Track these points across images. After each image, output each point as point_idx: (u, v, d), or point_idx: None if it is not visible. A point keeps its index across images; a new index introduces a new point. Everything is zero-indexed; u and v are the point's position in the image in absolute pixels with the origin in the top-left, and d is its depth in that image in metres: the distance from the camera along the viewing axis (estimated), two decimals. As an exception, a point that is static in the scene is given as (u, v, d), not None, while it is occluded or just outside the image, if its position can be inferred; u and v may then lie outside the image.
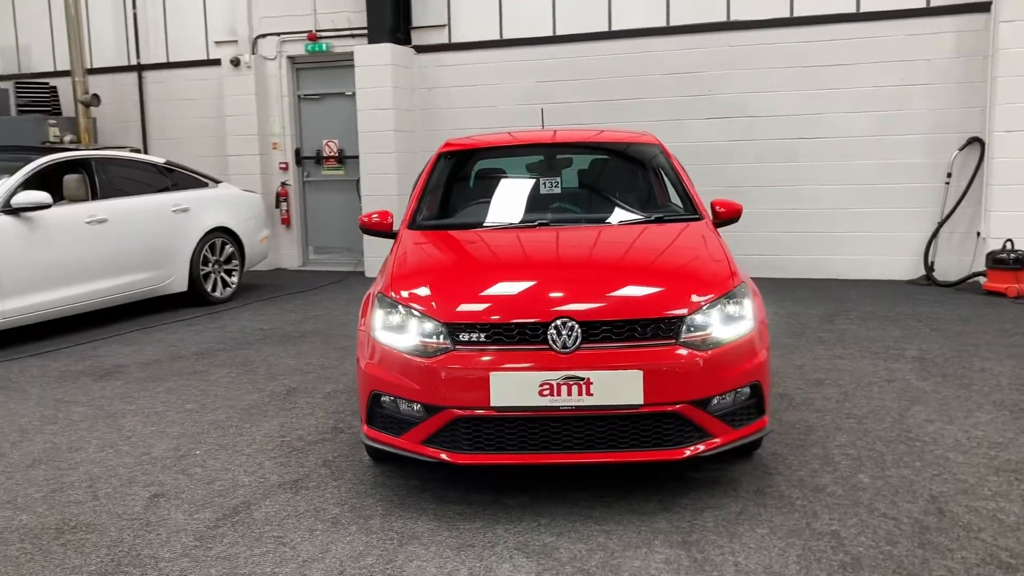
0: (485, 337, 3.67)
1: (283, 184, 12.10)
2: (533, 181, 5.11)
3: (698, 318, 3.74)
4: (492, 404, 3.58)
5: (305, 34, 11.71)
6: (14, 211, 7.28)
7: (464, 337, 3.68)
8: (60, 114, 12.35)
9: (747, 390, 3.85)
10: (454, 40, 11.27)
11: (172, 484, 4.16)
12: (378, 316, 3.92)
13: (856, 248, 10.02)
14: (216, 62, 12.14)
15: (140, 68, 12.71)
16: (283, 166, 12.08)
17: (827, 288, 9.48)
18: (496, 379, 3.58)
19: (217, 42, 12.20)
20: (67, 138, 11.86)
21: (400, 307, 3.86)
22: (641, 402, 3.57)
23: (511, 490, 3.94)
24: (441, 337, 3.70)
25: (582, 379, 3.56)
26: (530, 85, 10.93)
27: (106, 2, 12.77)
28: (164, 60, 12.62)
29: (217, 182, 9.75)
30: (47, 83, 12.46)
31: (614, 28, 10.64)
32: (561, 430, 3.63)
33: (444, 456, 3.68)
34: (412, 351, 3.74)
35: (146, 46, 12.69)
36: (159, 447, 4.71)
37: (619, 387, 3.56)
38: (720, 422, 3.75)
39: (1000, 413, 4.95)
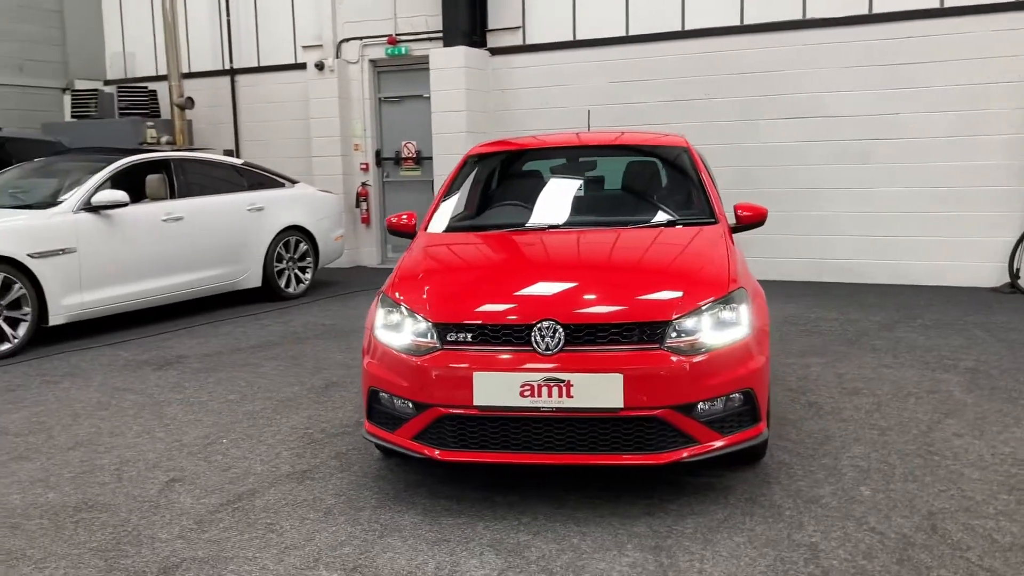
0: (472, 338, 3.76)
1: (363, 184, 12.45)
2: (553, 185, 5.15)
3: (687, 323, 3.73)
4: (475, 403, 3.67)
5: (385, 38, 12.01)
6: (94, 209, 7.75)
7: (452, 337, 3.78)
8: (159, 116, 13.02)
9: (739, 397, 3.81)
10: (528, 42, 11.37)
11: (191, 470, 4.39)
12: (379, 315, 4.06)
13: (934, 253, 9.65)
14: (302, 66, 12.58)
15: (233, 72, 13.28)
16: (363, 167, 12.42)
17: (900, 294, 9.16)
18: (479, 379, 3.66)
19: (304, 47, 12.64)
20: (164, 139, 12.51)
21: (398, 307, 3.99)
22: (621, 405, 3.59)
23: (503, 488, 4.01)
24: (431, 337, 3.81)
25: (562, 381, 3.60)
26: (601, 86, 10.93)
27: (203, 10, 13.39)
28: (255, 64, 13.14)
29: (294, 182, 10.13)
30: (146, 87, 13.16)
31: (687, 28, 10.54)
32: (543, 431, 3.68)
33: (430, 452, 3.79)
34: (405, 350, 3.85)
35: (239, 51, 13.25)
36: (191, 434, 4.97)
37: (599, 390, 3.59)
38: (707, 428, 3.73)
39: (1036, 429, 4.73)
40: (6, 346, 7.04)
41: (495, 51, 11.49)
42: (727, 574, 3.19)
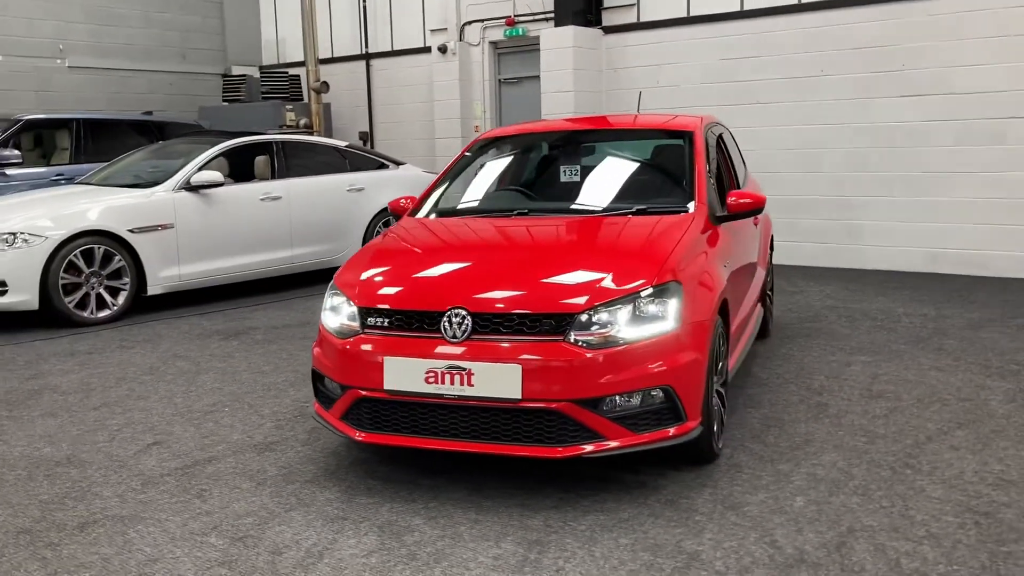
0: (388, 323, 3.83)
1: (482, 165, 12.63)
2: (539, 171, 5.10)
3: (599, 315, 3.63)
4: (385, 387, 3.74)
5: (504, 20, 12.11)
6: (193, 188, 8.37)
7: (371, 322, 3.87)
8: (301, 100, 13.75)
9: (659, 394, 3.67)
10: (642, 19, 11.12)
11: (178, 435, 4.73)
12: (326, 299, 4.20)
13: (1069, 245, 8.68)
14: (428, 49, 12.91)
15: (368, 56, 13.83)
16: (483, 147, 12.60)
17: (1019, 291, 8.31)
18: (389, 363, 3.73)
19: (432, 30, 12.96)
20: (302, 122, 13.23)
21: (337, 291, 4.11)
22: (519, 397, 3.56)
23: (435, 472, 4.06)
24: (355, 321, 3.91)
25: (464, 369, 3.61)
26: (711, 64, 10.54)
27: (343, -3, 14.03)
28: (388, 49, 13.61)
29: (399, 164, 10.46)
30: (287, 72, 13.93)
31: (803, 1, 9.94)
32: (447, 418, 3.70)
33: (352, 433, 3.90)
34: (336, 332, 3.98)
35: (375, 36, 13.77)
36: (204, 401, 5.33)
37: (498, 380, 3.57)
38: (615, 424, 3.62)
39: (1049, 447, 4.23)
40: (105, 312, 7.77)
41: (609, 29, 11.32)
42: (582, 574, 3.11)
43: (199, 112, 13.88)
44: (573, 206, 4.75)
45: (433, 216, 4.93)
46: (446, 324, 3.70)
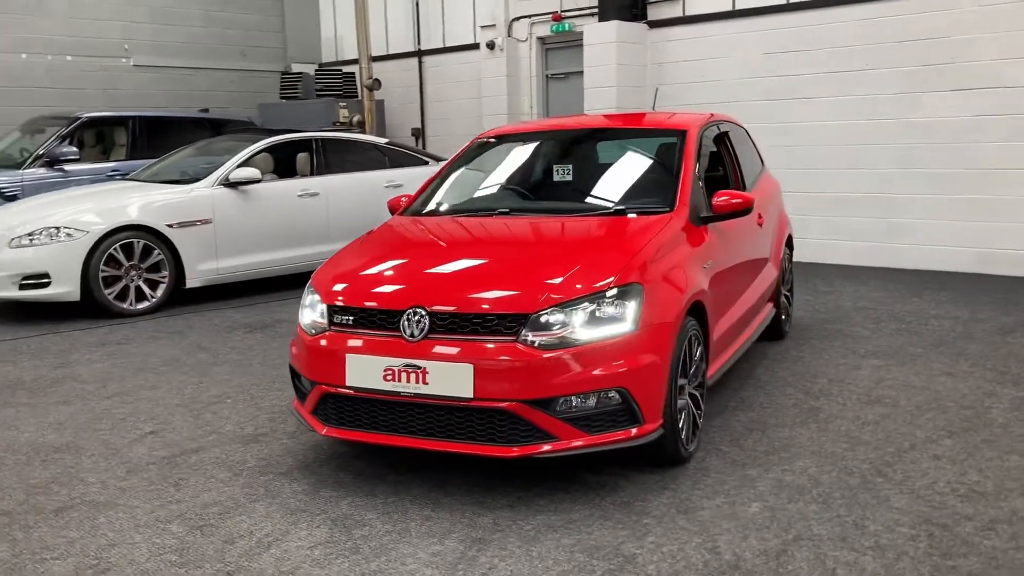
0: (352, 320, 3.92)
1: (529, 160, 12.66)
2: (527, 171, 5.12)
3: (553, 316, 3.65)
4: (347, 384, 3.84)
5: (551, 15, 12.11)
6: (232, 185, 8.63)
7: (337, 319, 3.96)
8: (355, 97, 13.99)
9: (615, 396, 3.67)
10: (688, 13, 10.98)
11: (175, 425, 4.91)
12: (303, 298, 4.31)
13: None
14: (477, 46, 12.99)
15: (420, 53, 13.99)
16: (530, 143, 12.63)
17: (1067, 292, 7.97)
18: (350, 360, 3.82)
19: (482, 27, 13.03)
20: (355, 119, 13.47)
21: (312, 289, 4.22)
22: (471, 396, 3.61)
23: (403, 468, 4.14)
24: (324, 318, 4.01)
25: (420, 368, 3.67)
26: (755, 58, 10.35)
27: (398, -6, 14.22)
28: (440, 46, 13.75)
29: (439, 160, 10.57)
30: (341, 70, 14.19)
31: (851, -8, 9.68)
32: (405, 415, 3.77)
33: (319, 428, 4.01)
34: (307, 329, 4.09)
35: (427, 33, 13.92)
36: (211, 392, 5.52)
37: (451, 379, 3.63)
38: (568, 425, 3.64)
39: (1036, 459, 4.08)
40: (144, 304, 8.08)
41: (654, 24, 11.22)
42: (514, 574, 3.15)
43: (258, 109, 14.26)
44: (555, 206, 4.77)
45: (420, 215, 4.99)
46: (405, 323, 3.76)
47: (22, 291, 7.68)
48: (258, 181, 8.74)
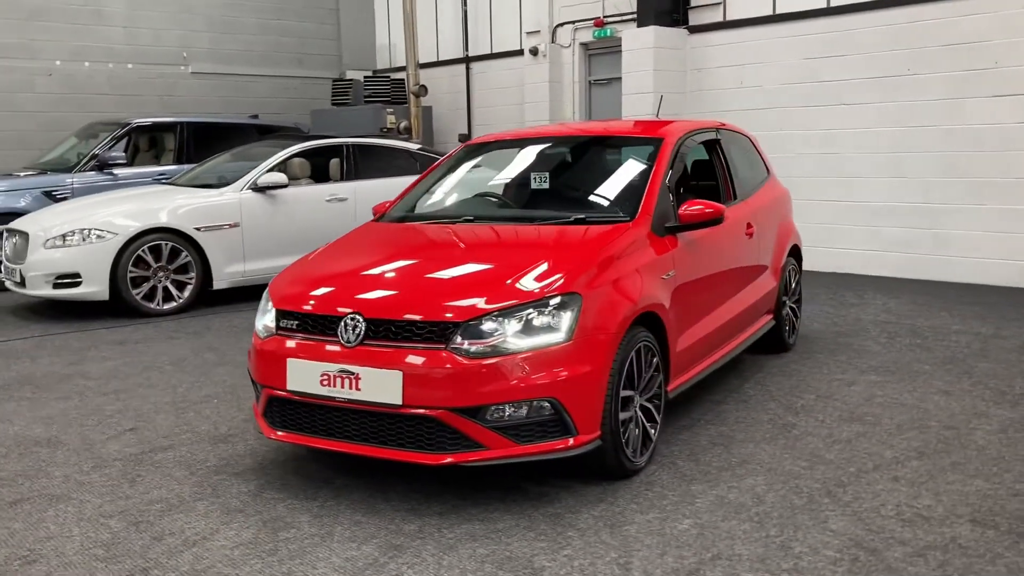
0: (296, 325, 3.98)
1: (571, 166, 12.63)
2: (499, 179, 5.12)
3: (483, 325, 3.64)
4: (288, 388, 3.89)
5: (594, 20, 12.06)
6: (260, 189, 8.84)
7: (283, 324, 4.03)
8: (403, 103, 14.16)
9: (547, 406, 3.64)
10: (729, 18, 10.80)
11: (156, 423, 5.05)
12: (260, 303, 4.39)
13: None
14: (522, 52, 13.02)
15: (468, 60, 14.08)
16: (572, 149, 12.59)
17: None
18: (291, 365, 3.88)
19: (528, 33, 13.06)
20: (402, 124, 13.64)
21: (267, 294, 4.30)
22: (400, 403, 3.62)
23: (356, 474, 4.17)
24: (273, 322, 4.08)
25: (353, 374, 3.71)
26: (795, 63, 10.11)
27: (447, 1, 14.31)
28: (487, 52, 13.82)
29: (473, 165, 10.62)
30: (388, 76, 14.37)
31: (893, -5, 9.38)
32: (341, 420, 3.81)
33: (266, 431, 4.07)
34: (259, 333, 4.17)
35: (475, 39, 14.01)
36: (202, 392, 5.66)
37: (382, 385, 3.65)
38: (496, 434, 3.62)
39: (994, 485, 3.88)
40: (171, 305, 8.33)
41: (695, 29, 11.07)
42: (416, 582, 3.16)
43: (311, 115, 14.56)
44: (519, 214, 4.76)
45: (391, 221, 5.04)
46: (342, 329, 3.80)
47: (55, 290, 8.01)
48: (285, 186, 8.93)
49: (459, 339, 3.62)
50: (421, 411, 3.60)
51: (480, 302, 3.70)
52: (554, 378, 3.63)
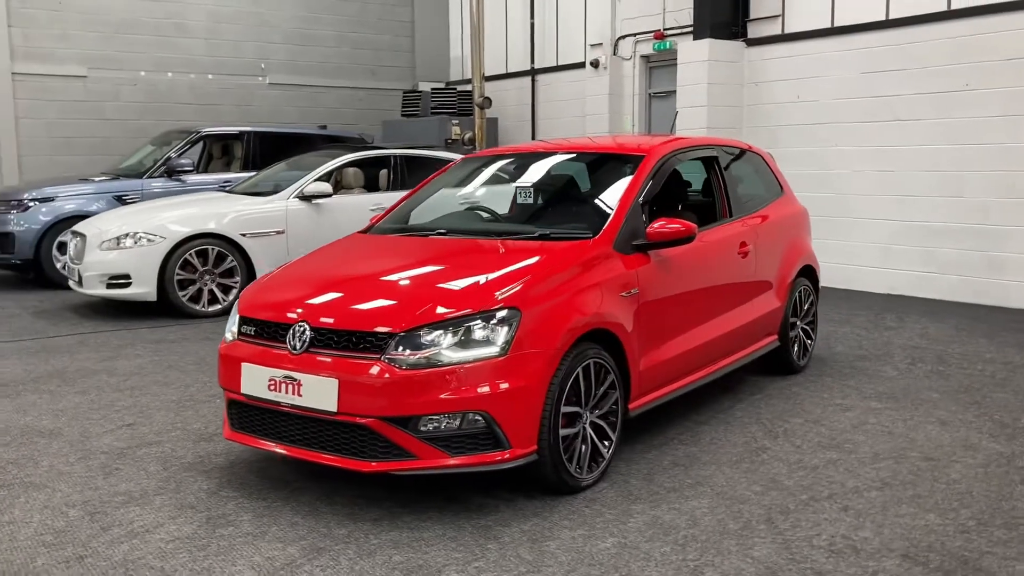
0: (254, 332, 4.14)
1: (629, 179, 12.57)
2: (479, 194, 5.20)
3: (417, 336, 3.72)
4: (242, 391, 4.06)
5: (653, 33, 12.01)
6: (306, 198, 9.14)
7: (243, 330, 4.20)
8: (470, 115, 14.36)
9: (480, 419, 3.70)
10: (787, 31, 10.60)
11: (154, 420, 5.31)
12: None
13: None
14: (584, 64, 13.05)
15: (534, 72, 14.19)
16: (631, 162, 12.54)
17: None
18: (245, 369, 4.04)
19: (592, 45, 13.08)
20: (467, 136, 13.84)
21: (237, 301, 4.48)
22: (335, 410, 3.74)
23: (314, 478, 4.30)
24: (236, 328, 4.26)
25: (296, 380, 3.84)
26: (852, 77, 9.84)
27: (517, 14, 14.46)
28: (552, 64, 13.91)
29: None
30: (455, 88, 14.60)
31: (954, 6, 9.05)
32: (286, 424, 3.95)
33: (224, 431, 4.25)
34: (226, 337, 4.35)
35: (542, 52, 14.11)
36: (207, 392, 5.91)
37: (320, 392, 3.77)
38: (426, 444, 3.70)
39: (945, 521, 3.73)
40: (216, 307, 8.69)
41: (752, 42, 10.89)
42: (322, 585, 3.26)
43: (382, 125, 14.93)
44: (490, 228, 4.83)
45: (373, 233, 5.17)
46: (290, 336, 3.94)
47: (108, 290, 8.46)
48: (329, 195, 9.20)
49: (394, 350, 3.72)
50: (354, 419, 3.70)
51: (417, 314, 3.78)
52: (487, 391, 3.68)
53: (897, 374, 6.16)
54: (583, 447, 4.08)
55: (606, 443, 4.22)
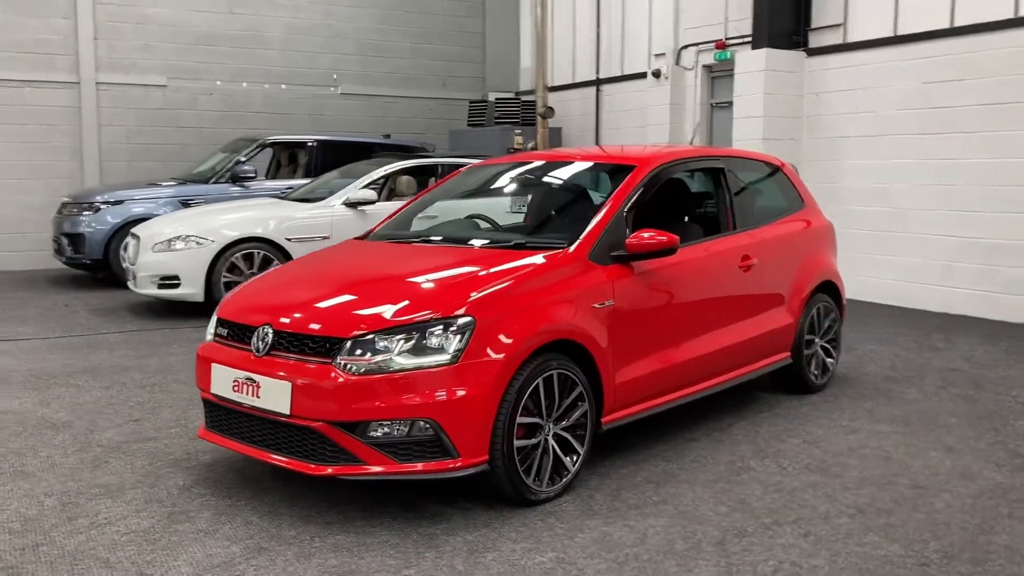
0: (227, 333, 4.25)
1: (689, 191, 12.38)
2: (478, 201, 5.21)
3: (368, 342, 3.76)
4: (211, 391, 4.17)
5: (715, 43, 11.81)
6: (352, 205, 9.32)
7: (218, 331, 4.31)
8: (533, 125, 14.38)
9: (428, 426, 3.71)
10: (848, 40, 10.27)
11: (160, 416, 5.48)
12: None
13: None
14: (644, 75, 12.93)
15: (599, 82, 14.13)
16: (691, 173, 12.35)
17: None
18: (214, 370, 4.15)
19: (656, 55, 12.95)
20: (529, 145, 13.87)
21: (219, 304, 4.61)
22: (288, 412, 3.80)
23: (281, 478, 4.38)
24: (213, 329, 4.38)
25: (255, 382, 3.93)
26: (912, 88, 9.46)
27: (584, 24, 14.43)
28: (617, 74, 13.82)
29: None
30: (519, 98, 14.64)
31: (1021, 14, 8.61)
32: (248, 424, 4.04)
33: (200, 429, 4.37)
34: (206, 339, 4.47)
35: (607, 62, 14.03)
36: (222, 392, 6.07)
37: (275, 394, 3.85)
38: (375, 450, 3.72)
39: (910, 552, 3.54)
40: (260, 309, 8.93)
41: (813, 51, 10.59)
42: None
43: (449, 135, 15.09)
44: (472, 236, 4.83)
45: (365, 239, 5.23)
46: (255, 338, 4.03)
47: (159, 290, 8.80)
48: (373, 202, 9.35)
49: (345, 355, 3.76)
50: (305, 422, 3.76)
51: (370, 320, 3.81)
52: (435, 399, 3.69)
53: (921, 397, 5.88)
54: (545, 459, 4.03)
55: (573, 456, 4.16)
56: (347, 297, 4.12)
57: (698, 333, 4.91)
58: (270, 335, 3.98)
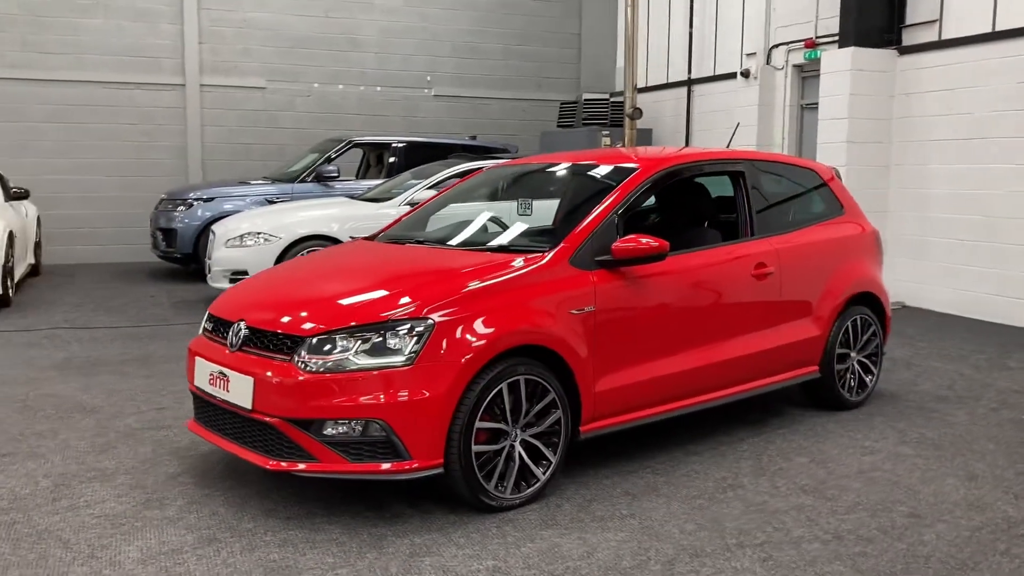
0: (212, 328, 4.36)
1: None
2: (480, 203, 5.16)
3: (326, 342, 3.79)
4: (194, 384, 4.29)
5: (804, 42, 11.36)
6: (414, 205, 9.41)
7: (206, 326, 4.43)
8: (621, 126, 14.18)
9: (379, 427, 3.71)
10: (944, 37, 9.67)
11: (185, 406, 5.61)
12: (217, 305, 4.83)
13: None
14: (734, 75, 12.56)
15: (690, 83, 13.81)
16: (778, 177, 11.91)
17: None
18: (196, 363, 4.28)
19: (747, 54, 12.56)
20: (618, 146, 13.70)
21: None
22: (250, 407, 3.87)
23: (262, 472, 4.46)
24: (204, 324, 4.51)
25: (226, 376, 4.02)
26: (1009, 88, 8.82)
27: (678, 25, 14.14)
28: (708, 74, 13.47)
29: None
30: (607, 99, 14.44)
31: None
32: (221, 417, 4.13)
33: (189, 421, 4.51)
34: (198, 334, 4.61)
35: (699, 62, 13.70)
36: (253, 385, 6.25)
37: (240, 389, 3.93)
38: (327, 448, 3.75)
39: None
40: (323, 306, 9.15)
41: (905, 50, 10.02)
42: (189, 573, 3.38)
43: (540, 136, 15.07)
44: (456, 238, 4.81)
45: (371, 240, 5.27)
46: (231, 334, 4.12)
47: (229, 284, 9.11)
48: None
49: (304, 353, 3.79)
50: (263, 417, 3.82)
51: (329, 319, 3.85)
52: (387, 400, 3.68)
53: (967, 420, 5.48)
54: (510, 466, 3.96)
55: (544, 463, 4.08)
56: (319, 296, 4.16)
57: (698, 343, 4.72)
58: (243, 331, 4.06)
